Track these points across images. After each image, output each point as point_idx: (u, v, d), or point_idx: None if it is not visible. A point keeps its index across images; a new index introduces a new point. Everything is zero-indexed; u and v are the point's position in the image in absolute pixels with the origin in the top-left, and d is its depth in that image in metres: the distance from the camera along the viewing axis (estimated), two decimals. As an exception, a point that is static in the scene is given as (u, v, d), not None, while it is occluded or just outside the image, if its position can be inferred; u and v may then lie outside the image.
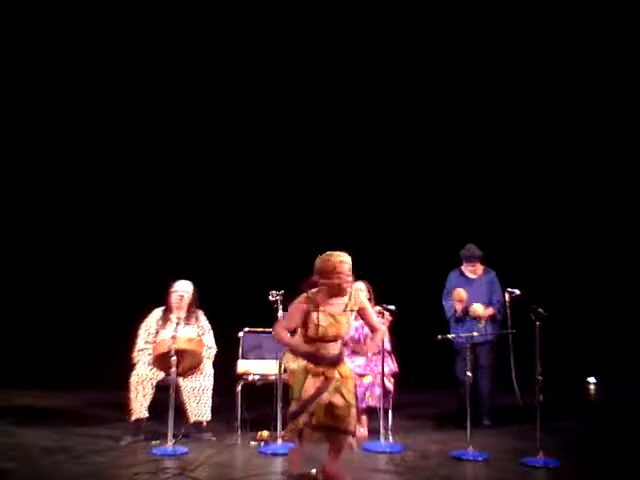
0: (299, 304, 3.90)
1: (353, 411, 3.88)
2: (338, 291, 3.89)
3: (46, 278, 7.82)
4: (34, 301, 7.74)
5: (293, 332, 4.00)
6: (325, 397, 3.77)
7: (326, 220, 7.76)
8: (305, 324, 3.88)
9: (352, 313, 3.99)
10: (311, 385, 3.79)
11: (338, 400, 3.80)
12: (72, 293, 7.77)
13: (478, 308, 5.79)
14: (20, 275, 7.79)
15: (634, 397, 7.02)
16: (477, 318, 5.78)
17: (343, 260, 3.87)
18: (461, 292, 5.81)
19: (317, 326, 3.80)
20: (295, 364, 3.91)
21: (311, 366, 3.84)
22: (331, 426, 3.81)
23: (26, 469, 4.22)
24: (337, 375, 3.85)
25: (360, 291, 4.28)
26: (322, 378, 3.81)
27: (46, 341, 7.68)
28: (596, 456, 4.83)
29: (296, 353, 3.92)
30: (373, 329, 4.12)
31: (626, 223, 8.28)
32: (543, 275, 7.79)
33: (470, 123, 8.23)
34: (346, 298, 3.94)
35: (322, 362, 3.84)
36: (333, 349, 3.88)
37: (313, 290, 3.91)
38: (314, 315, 3.83)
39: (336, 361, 3.88)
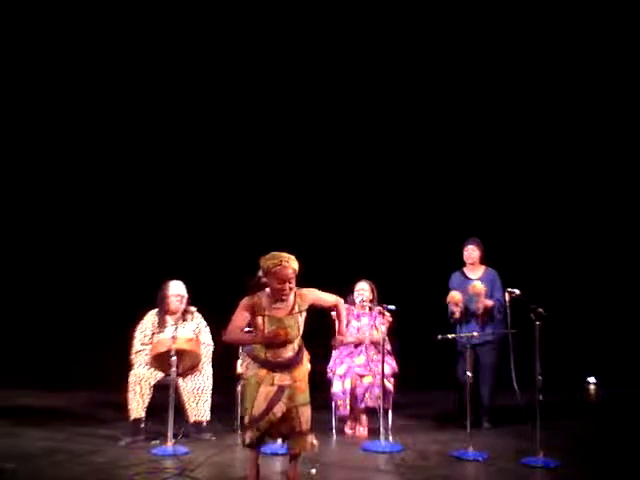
0: (244, 304, 3.72)
1: (303, 410, 3.71)
2: (278, 295, 3.67)
3: (46, 280, 7.83)
4: (34, 302, 7.75)
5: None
6: (278, 409, 3.63)
7: (327, 221, 7.76)
8: (254, 325, 3.72)
9: (302, 314, 3.75)
10: (263, 398, 3.63)
11: (289, 405, 3.66)
12: (71, 294, 7.79)
13: (478, 284, 5.77)
14: (20, 277, 7.79)
15: (634, 397, 7.02)
16: (476, 296, 5.74)
17: (288, 264, 3.65)
18: (455, 295, 5.79)
19: (262, 332, 3.66)
20: (248, 372, 3.75)
21: (263, 373, 3.67)
22: (286, 430, 3.72)
23: (26, 469, 4.21)
24: (289, 380, 3.68)
25: (308, 290, 3.88)
26: (274, 388, 3.64)
27: (46, 342, 7.69)
28: (596, 456, 4.82)
29: (253, 347, 3.74)
30: (332, 306, 3.94)
31: (625, 224, 8.28)
32: (543, 275, 7.79)
33: (473, 124, 8.24)
34: (290, 302, 3.71)
35: (275, 367, 3.68)
36: (286, 352, 3.70)
37: (259, 293, 3.74)
38: (259, 320, 3.68)
39: (289, 365, 3.71)
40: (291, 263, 3.66)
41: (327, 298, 3.93)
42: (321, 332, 4.75)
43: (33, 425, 5.49)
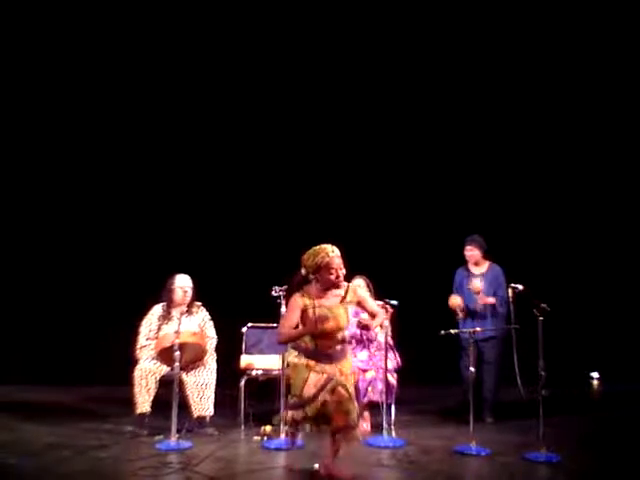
0: (294, 301, 3.90)
1: (355, 405, 3.91)
2: (332, 285, 3.89)
3: (48, 274, 7.82)
4: (37, 297, 7.75)
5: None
6: (324, 395, 3.80)
7: (330, 215, 7.74)
8: (304, 321, 3.87)
9: (350, 306, 3.99)
10: (313, 383, 3.81)
11: (342, 393, 3.83)
12: (74, 288, 7.78)
13: (475, 283, 5.83)
14: (22, 271, 7.79)
15: (637, 392, 7.02)
16: (476, 294, 5.78)
17: (334, 253, 3.86)
18: (455, 300, 5.86)
19: (315, 322, 3.80)
20: (297, 359, 3.92)
21: (312, 363, 3.85)
22: (335, 421, 3.83)
23: (30, 464, 4.23)
24: (338, 373, 3.86)
25: (358, 287, 4.28)
26: (324, 376, 3.82)
27: (49, 337, 7.70)
28: (599, 451, 4.82)
29: (301, 339, 3.89)
30: (374, 315, 4.12)
31: (628, 220, 8.27)
32: (546, 271, 7.78)
33: (474, 118, 8.21)
34: (342, 291, 3.94)
35: (323, 359, 3.85)
36: (334, 344, 3.88)
37: (306, 288, 3.92)
38: (310, 311, 3.84)
39: (337, 357, 3.89)
40: (336, 252, 3.88)
41: (372, 304, 4.18)
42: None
43: (37, 420, 5.50)
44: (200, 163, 8.08)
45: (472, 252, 5.99)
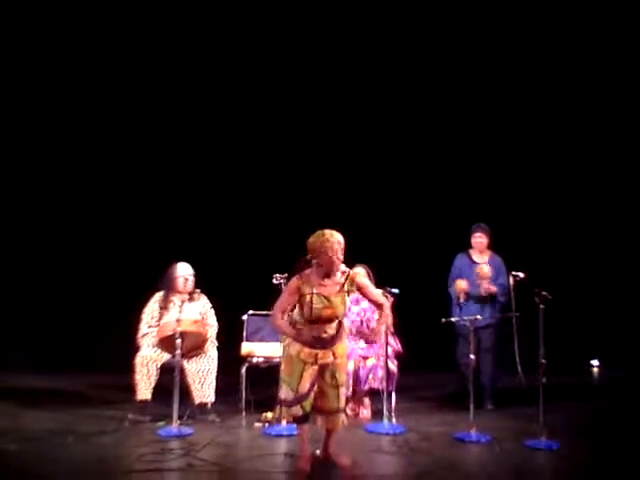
0: (292, 285, 3.93)
1: (342, 390, 3.97)
2: (330, 269, 3.88)
3: (51, 261, 7.82)
4: (39, 284, 7.76)
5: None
6: (318, 385, 3.89)
7: (331, 203, 7.72)
8: (301, 305, 3.89)
9: (349, 294, 3.98)
10: (308, 378, 3.86)
11: (329, 381, 3.90)
12: (76, 275, 7.78)
13: (485, 268, 5.82)
14: (25, 258, 7.79)
15: (637, 379, 7.03)
16: (482, 279, 5.78)
17: (333, 237, 3.87)
18: (461, 284, 5.83)
19: (311, 308, 3.82)
20: (291, 348, 3.94)
21: (306, 351, 3.86)
22: (322, 408, 3.92)
23: (31, 450, 4.26)
24: (331, 357, 3.89)
25: (358, 274, 4.25)
26: (316, 368, 3.86)
27: (51, 323, 7.71)
28: (599, 438, 4.84)
29: (291, 337, 3.94)
30: (377, 305, 4.13)
31: (628, 207, 8.24)
32: (547, 259, 7.77)
33: (473, 103, 8.15)
34: (342, 279, 3.94)
35: (317, 344, 3.87)
36: (329, 329, 3.89)
37: (307, 271, 3.94)
38: (307, 297, 3.85)
39: (331, 342, 3.90)
40: (335, 236, 3.88)
41: (374, 292, 4.15)
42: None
43: (38, 407, 5.53)
44: (200, 152, 8.06)
45: (481, 239, 5.98)
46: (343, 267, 4.01)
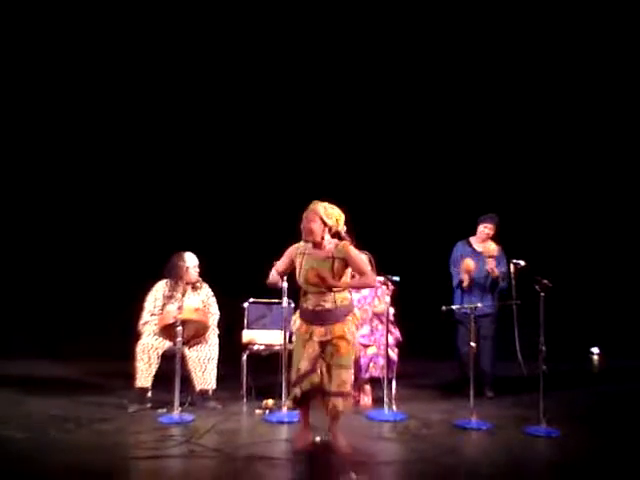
0: (291, 248, 4.14)
1: (340, 372, 3.93)
2: (307, 237, 4.01)
3: (52, 249, 7.83)
4: (41, 272, 7.77)
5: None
6: (320, 366, 3.93)
7: (332, 190, 7.68)
8: (298, 271, 4.01)
9: (335, 261, 3.95)
10: (308, 356, 3.91)
11: (329, 361, 3.93)
12: (78, 262, 7.80)
13: (492, 245, 5.80)
14: (27, 245, 7.80)
15: (637, 367, 7.05)
16: (491, 257, 5.76)
17: (310, 207, 4.03)
18: (470, 263, 5.77)
19: (300, 270, 3.97)
20: (295, 325, 4.07)
21: (304, 327, 3.95)
22: (323, 389, 3.93)
23: (34, 437, 4.27)
24: (328, 336, 3.91)
25: (350, 246, 4.08)
26: (317, 347, 3.91)
27: (53, 311, 7.73)
28: (599, 425, 4.87)
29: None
30: (361, 273, 4.04)
31: (629, 196, 8.23)
32: (547, 247, 7.77)
33: (475, 93, 8.13)
34: (334, 250, 3.99)
35: (314, 319, 3.92)
36: (324, 302, 3.93)
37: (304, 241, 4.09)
38: (299, 259, 4.02)
39: (328, 317, 3.93)
40: (314, 207, 4.03)
41: (360, 264, 4.05)
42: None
43: (41, 394, 5.54)
44: (201, 141, 8.05)
45: (488, 231, 5.96)
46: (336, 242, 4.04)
